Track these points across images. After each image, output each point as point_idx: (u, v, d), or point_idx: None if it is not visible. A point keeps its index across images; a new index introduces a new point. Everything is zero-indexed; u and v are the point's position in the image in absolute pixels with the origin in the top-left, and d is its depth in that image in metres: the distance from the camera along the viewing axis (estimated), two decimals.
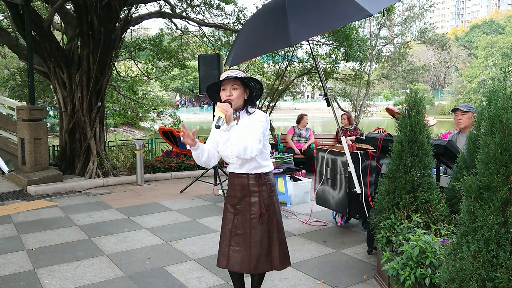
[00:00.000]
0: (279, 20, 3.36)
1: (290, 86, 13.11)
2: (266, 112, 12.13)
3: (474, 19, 77.34)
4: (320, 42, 10.93)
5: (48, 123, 9.68)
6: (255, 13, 4.38)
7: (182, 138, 2.42)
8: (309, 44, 4.23)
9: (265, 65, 13.06)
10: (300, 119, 8.56)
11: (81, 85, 8.16)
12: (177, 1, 10.68)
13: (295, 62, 12.29)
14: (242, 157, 2.41)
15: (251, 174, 2.57)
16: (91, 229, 4.91)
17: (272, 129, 12.32)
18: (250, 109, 2.56)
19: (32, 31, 7.72)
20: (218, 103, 2.43)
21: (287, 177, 6.05)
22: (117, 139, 12.33)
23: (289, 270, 3.60)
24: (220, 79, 2.53)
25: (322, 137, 9.57)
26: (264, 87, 12.97)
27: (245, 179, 2.59)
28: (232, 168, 2.63)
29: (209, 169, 7.29)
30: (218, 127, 2.33)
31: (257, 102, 2.74)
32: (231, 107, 2.42)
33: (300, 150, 8.30)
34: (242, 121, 2.54)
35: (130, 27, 10.05)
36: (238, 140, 2.37)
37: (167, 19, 10.98)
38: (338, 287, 3.26)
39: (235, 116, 2.53)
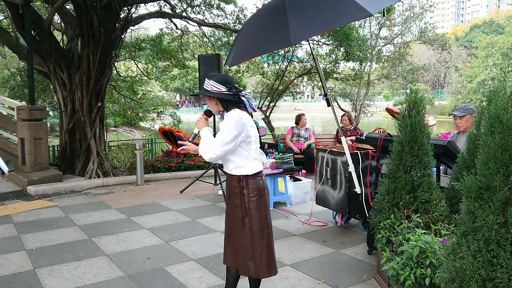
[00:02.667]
0: (279, 20, 3.36)
1: (290, 86, 13.09)
2: (266, 112, 12.20)
3: (474, 19, 77.28)
4: (320, 42, 10.93)
5: (48, 123, 9.67)
6: (255, 13, 4.37)
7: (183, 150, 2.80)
8: (309, 44, 4.23)
9: (265, 65, 13.05)
10: (298, 119, 8.55)
11: (81, 85, 8.16)
12: (177, 1, 10.68)
13: (295, 62, 12.29)
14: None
15: (234, 175, 2.63)
16: (91, 229, 4.91)
17: (272, 129, 12.32)
18: (229, 111, 2.60)
19: (32, 31, 7.72)
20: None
21: (287, 177, 6.05)
22: (117, 139, 12.33)
23: (289, 270, 3.60)
24: None
25: (322, 137, 9.57)
26: (264, 87, 12.97)
27: (231, 180, 2.67)
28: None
29: (209, 169, 7.28)
30: (191, 141, 2.76)
31: (257, 102, 2.75)
32: (209, 114, 2.76)
33: (300, 150, 8.30)
34: None
35: (130, 27, 10.04)
36: (202, 142, 2.65)
37: (167, 19, 10.98)
38: (338, 287, 3.26)
39: (219, 118, 2.76)
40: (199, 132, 2.73)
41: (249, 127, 2.57)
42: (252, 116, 2.70)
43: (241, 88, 2.68)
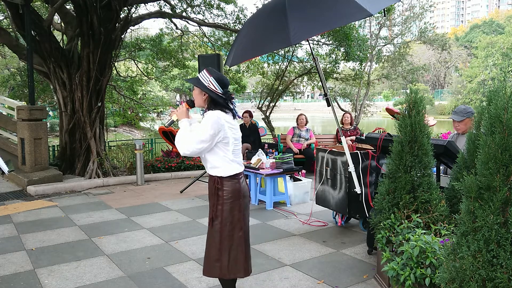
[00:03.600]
0: (279, 20, 3.36)
1: (290, 86, 13.09)
2: (266, 112, 12.19)
3: (474, 19, 77.25)
4: (320, 42, 10.93)
5: (48, 123, 9.67)
6: (255, 13, 4.38)
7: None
8: (309, 44, 4.24)
9: (265, 65, 13.05)
10: (297, 119, 8.58)
11: (81, 85, 8.16)
12: (177, 1, 10.68)
13: (295, 62, 12.29)
14: (178, 149, 2.58)
15: (211, 175, 2.65)
16: (91, 229, 4.91)
17: (272, 129, 12.32)
18: (210, 110, 2.57)
19: (32, 31, 7.72)
20: None
21: (287, 177, 6.05)
22: (117, 139, 12.33)
23: (289, 270, 3.60)
24: None
25: (322, 137, 9.57)
26: (264, 87, 12.96)
27: (209, 180, 2.69)
28: None
29: None
30: (167, 126, 2.75)
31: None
32: (192, 104, 2.70)
33: (300, 150, 8.30)
34: None
35: (130, 27, 10.04)
36: (179, 133, 2.60)
37: (167, 19, 10.98)
38: (338, 287, 3.26)
39: (201, 114, 2.72)
40: (177, 120, 2.68)
41: (227, 128, 2.54)
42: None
43: (233, 96, 2.66)
